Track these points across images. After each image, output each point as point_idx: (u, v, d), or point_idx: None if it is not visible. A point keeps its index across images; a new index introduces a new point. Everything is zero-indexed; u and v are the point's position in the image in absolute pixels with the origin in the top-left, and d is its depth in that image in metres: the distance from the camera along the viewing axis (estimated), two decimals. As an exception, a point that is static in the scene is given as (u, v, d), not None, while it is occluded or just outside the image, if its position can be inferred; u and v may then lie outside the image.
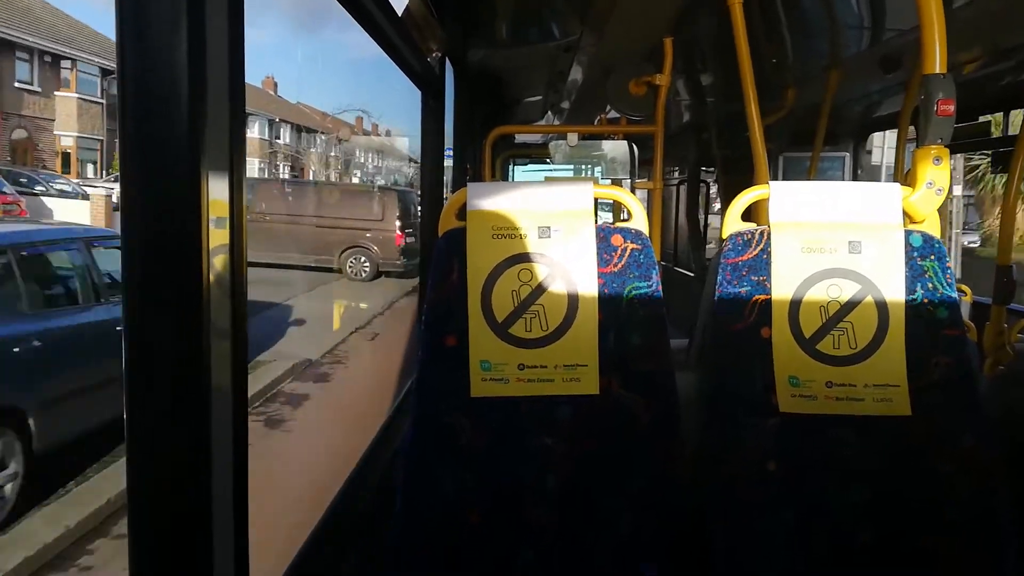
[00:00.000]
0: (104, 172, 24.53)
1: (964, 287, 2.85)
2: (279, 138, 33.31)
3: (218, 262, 0.78)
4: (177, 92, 0.71)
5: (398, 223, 14.81)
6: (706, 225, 5.89)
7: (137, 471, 0.77)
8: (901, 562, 1.21)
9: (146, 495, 0.77)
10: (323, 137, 35.47)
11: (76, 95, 24.39)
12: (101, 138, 25.45)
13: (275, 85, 36.30)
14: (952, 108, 1.24)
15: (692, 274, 5.58)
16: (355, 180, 34.69)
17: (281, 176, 30.10)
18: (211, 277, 0.77)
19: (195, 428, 0.77)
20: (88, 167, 25.17)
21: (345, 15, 1.48)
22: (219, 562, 0.80)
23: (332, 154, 36.28)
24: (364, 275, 14.75)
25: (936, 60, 1.25)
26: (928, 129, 1.27)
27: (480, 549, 1.24)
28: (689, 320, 1.79)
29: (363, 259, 14.87)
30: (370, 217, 14.92)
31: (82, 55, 24.51)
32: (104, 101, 25.36)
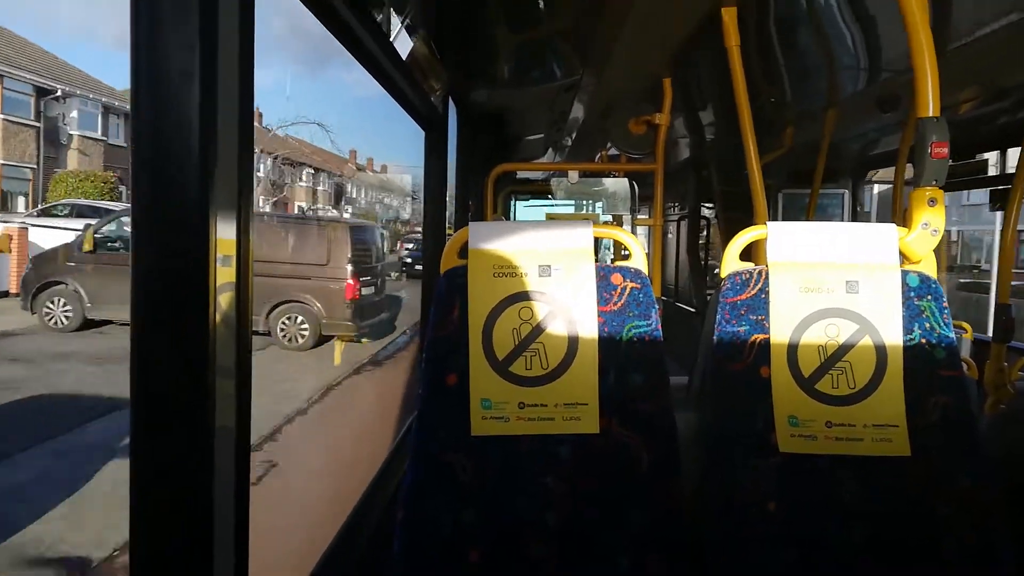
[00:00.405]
0: (38, 205, 20.32)
1: (964, 324, 2.86)
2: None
3: (224, 300, 0.80)
4: (189, 135, 0.74)
5: (349, 268, 10.89)
6: (707, 261, 5.92)
7: (141, 507, 0.77)
8: None
9: (149, 531, 0.78)
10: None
11: (0, 116, 20.87)
12: (34, 166, 22.00)
13: (260, 115, 35.57)
14: (946, 151, 1.26)
15: (693, 310, 5.59)
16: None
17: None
18: (217, 316, 0.78)
19: (199, 464, 0.78)
20: (18, 199, 21.65)
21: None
22: None
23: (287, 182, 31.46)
24: (302, 340, 10.81)
25: (929, 104, 1.27)
26: (923, 171, 1.29)
27: None
28: (690, 356, 1.79)
29: (300, 319, 10.82)
30: (310, 260, 10.89)
31: (10, 70, 21.04)
32: (41, 124, 22.01)
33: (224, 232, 0.79)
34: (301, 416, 7.48)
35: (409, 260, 19.78)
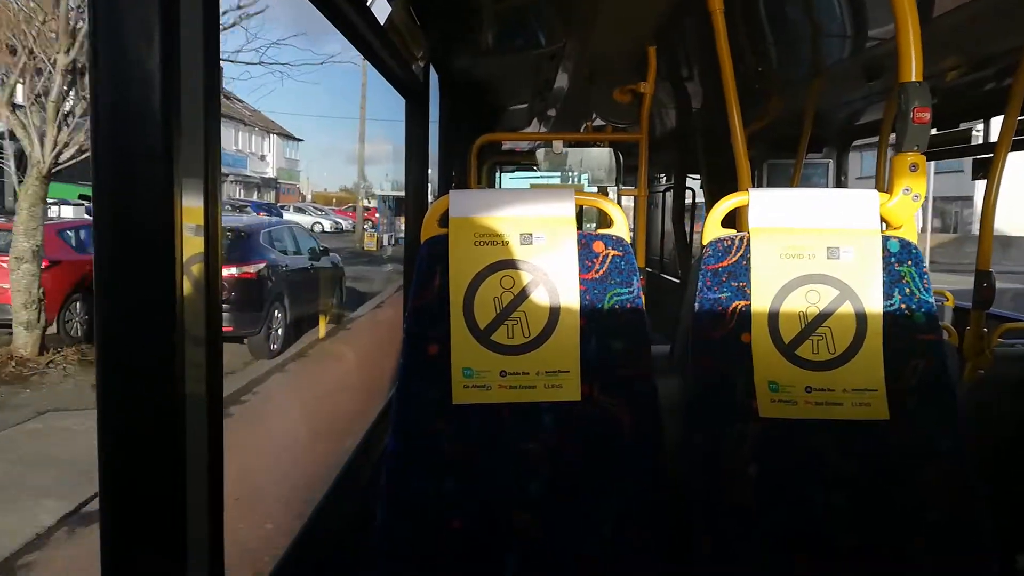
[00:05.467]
0: None
1: (946, 292, 2.88)
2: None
3: (195, 269, 0.78)
4: (151, 99, 0.71)
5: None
6: (691, 232, 5.92)
7: (111, 477, 0.76)
8: (882, 565, 1.21)
9: (120, 503, 0.76)
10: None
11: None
12: None
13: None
14: (928, 116, 1.26)
15: (678, 280, 5.60)
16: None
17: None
18: (186, 284, 0.76)
19: (170, 434, 0.77)
20: None
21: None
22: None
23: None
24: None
25: (912, 68, 1.26)
26: (905, 136, 1.28)
27: (464, 556, 1.24)
28: (675, 325, 1.79)
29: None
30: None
31: None
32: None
33: (191, 201, 0.76)
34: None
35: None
